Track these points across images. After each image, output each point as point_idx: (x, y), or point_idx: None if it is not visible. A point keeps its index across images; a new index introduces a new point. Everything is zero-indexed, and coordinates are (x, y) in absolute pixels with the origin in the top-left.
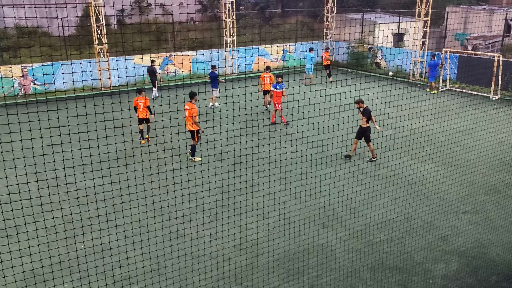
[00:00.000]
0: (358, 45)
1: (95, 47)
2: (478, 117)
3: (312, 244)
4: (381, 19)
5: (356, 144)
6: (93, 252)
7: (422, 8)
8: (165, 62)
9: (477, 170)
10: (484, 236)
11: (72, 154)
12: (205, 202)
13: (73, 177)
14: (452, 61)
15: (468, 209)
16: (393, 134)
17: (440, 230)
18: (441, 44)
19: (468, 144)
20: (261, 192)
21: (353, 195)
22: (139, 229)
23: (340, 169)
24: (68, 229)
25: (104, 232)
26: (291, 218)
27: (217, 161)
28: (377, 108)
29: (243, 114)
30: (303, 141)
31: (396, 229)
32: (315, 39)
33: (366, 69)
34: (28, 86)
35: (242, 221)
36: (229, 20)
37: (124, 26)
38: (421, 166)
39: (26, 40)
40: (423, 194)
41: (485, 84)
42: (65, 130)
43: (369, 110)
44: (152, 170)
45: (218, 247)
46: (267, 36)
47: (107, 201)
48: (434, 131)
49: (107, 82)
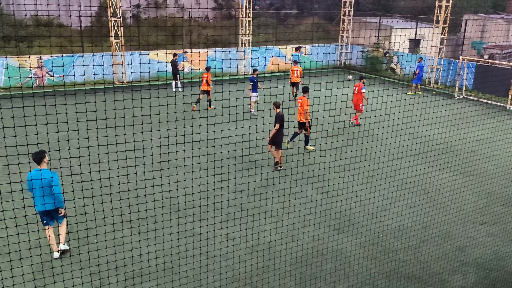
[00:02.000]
0: (374, 49)
1: (111, 40)
2: (495, 127)
3: (328, 249)
4: (398, 24)
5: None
6: (105, 247)
7: (441, 14)
8: (180, 59)
9: (495, 180)
10: (502, 248)
11: (88, 150)
12: (219, 201)
13: (89, 173)
14: (469, 69)
15: (486, 220)
16: (409, 140)
17: (457, 240)
18: (457, 52)
19: (485, 153)
20: (275, 193)
21: (369, 201)
22: (154, 225)
23: (356, 174)
24: (80, 222)
25: (117, 227)
26: (306, 221)
27: (231, 161)
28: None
29: (259, 115)
30: (319, 144)
31: (413, 238)
32: (330, 42)
33: (381, 74)
34: (43, 77)
35: (256, 222)
36: (245, 19)
37: (140, 21)
38: (438, 174)
39: (43, 30)
40: (440, 202)
41: (502, 94)
42: (81, 124)
43: (281, 116)
44: (168, 167)
45: (232, 248)
46: (282, 36)
47: (122, 196)
48: (451, 139)
49: (121, 76)
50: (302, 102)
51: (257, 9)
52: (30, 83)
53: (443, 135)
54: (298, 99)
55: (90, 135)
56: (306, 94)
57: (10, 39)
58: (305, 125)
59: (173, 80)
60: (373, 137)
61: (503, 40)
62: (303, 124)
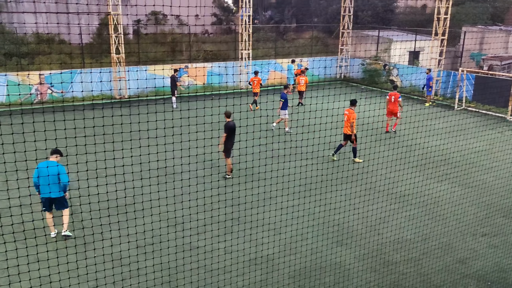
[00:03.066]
0: (373, 62)
1: (112, 56)
2: (494, 138)
3: (327, 262)
4: (397, 37)
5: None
6: (103, 261)
7: (439, 27)
8: (180, 74)
9: (494, 191)
10: (504, 260)
11: (87, 164)
12: (217, 215)
13: (86, 184)
14: (468, 81)
15: (487, 232)
16: (408, 152)
17: (458, 252)
18: (456, 64)
19: (485, 165)
20: (274, 206)
21: (368, 213)
22: (152, 239)
23: (355, 186)
24: (78, 237)
25: (116, 241)
26: (304, 234)
27: (233, 175)
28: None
29: (256, 129)
30: (317, 156)
31: (413, 250)
32: (329, 55)
33: (380, 86)
34: (45, 93)
35: (255, 235)
36: (245, 33)
37: (140, 36)
38: (437, 186)
39: (44, 47)
40: (440, 214)
41: (502, 105)
42: (80, 139)
43: (230, 126)
44: (166, 180)
45: (231, 261)
46: (282, 50)
47: (120, 210)
48: (450, 150)
49: (122, 91)
50: (348, 115)
51: (257, 23)
52: (31, 100)
53: (443, 147)
54: (345, 111)
55: (88, 150)
56: (353, 107)
57: (11, 56)
58: (351, 137)
59: (172, 96)
60: (372, 148)
61: (502, 51)
62: (349, 136)
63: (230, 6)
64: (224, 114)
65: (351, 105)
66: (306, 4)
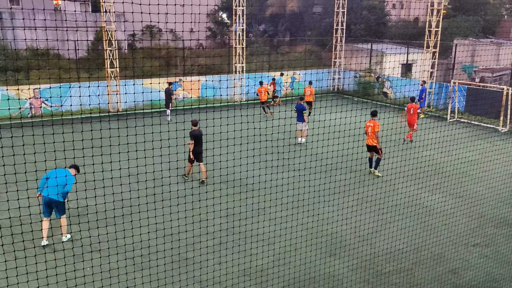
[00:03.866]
0: (366, 74)
1: (107, 70)
2: (487, 149)
3: (319, 273)
4: (389, 50)
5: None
6: (100, 277)
7: (431, 39)
8: (174, 87)
9: (486, 202)
10: (495, 270)
11: (85, 176)
12: (210, 226)
13: (79, 198)
14: (460, 92)
15: (478, 242)
16: (400, 162)
17: (450, 263)
18: (448, 76)
19: (476, 175)
20: (267, 218)
21: (360, 224)
22: (144, 251)
23: (346, 196)
24: (76, 250)
25: (110, 254)
26: (297, 245)
27: (223, 186)
28: (380, 136)
29: (250, 141)
30: (310, 168)
31: (405, 260)
32: (323, 67)
33: (373, 98)
34: (38, 107)
35: (247, 247)
36: (239, 47)
37: (135, 50)
38: (428, 196)
39: (38, 61)
40: (431, 225)
41: (493, 116)
42: (73, 152)
43: (196, 133)
44: (158, 193)
45: (223, 273)
46: (276, 63)
47: (113, 223)
48: (442, 160)
49: (116, 105)
50: (373, 126)
51: (251, 36)
52: (26, 113)
53: (435, 157)
54: (367, 123)
55: (81, 163)
56: (375, 118)
57: (6, 70)
58: (376, 148)
59: (166, 109)
60: (364, 159)
61: (493, 63)
62: (373, 148)
63: (224, 20)
64: (191, 122)
65: (373, 116)
66: (299, 18)
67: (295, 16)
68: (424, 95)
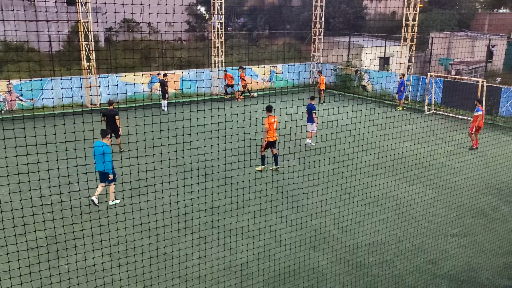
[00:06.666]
0: (345, 67)
1: (83, 64)
2: (463, 141)
3: (302, 266)
4: (367, 43)
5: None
6: (76, 273)
7: (408, 33)
8: (153, 81)
9: (464, 193)
10: (473, 259)
11: (58, 172)
12: (189, 220)
13: (59, 195)
14: (437, 85)
15: (457, 232)
16: (380, 153)
17: (429, 253)
18: (425, 68)
19: (454, 167)
20: (249, 212)
21: (343, 217)
22: (125, 248)
23: (325, 189)
24: (51, 248)
25: (89, 252)
26: (281, 240)
27: (201, 180)
28: (359, 128)
29: (233, 133)
30: (291, 162)
31: (387, 252)
32: (302, 61)
33: (352, 91)
34: (13, 101)
35: (231, 243)
36: (218, 41)
37: (112, 44)
38: (409, 188)
39: (13, 55)
40: (412, 216)
41: (469, 108)
42: (51, 147)
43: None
44: (140, 189)
45: (207, 270)
46: (255, 56)
47: (93, 219)
48: (420, 152)
49: (94, 99)
50: (277, 121)
51: (230, 30)
52: None
53: (414, 150)
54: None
55: (60, 158)
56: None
57: None
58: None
59: (162, 100)
60: (344, 151)
61: (468, 56)
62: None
63: (202, 14)
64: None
65: (270, 111)
66: (278, 12)
67: (274, 10)
68: (403, 88)
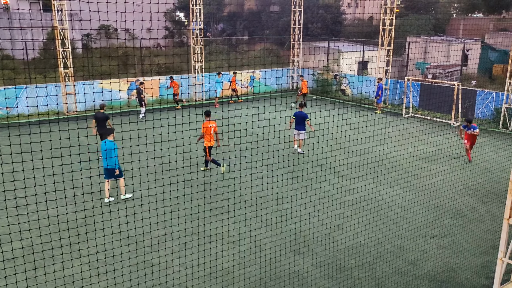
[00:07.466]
0: (323, 72)
1: (60, 71)
2: (440, 143)
3: (285, 271)
4: (345, 48)
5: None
6: (55, 284)
7: (385, 38)
8: (132, 87)
9: (442, 194)
10: (452, 260)
11: (34, 181)
12: (168, 227)
13: (35, 205)
14: (414, 88)
15: (436, 233)
16: (359, 159)
17: (410, 255)
18: (402, 72)
19: (432, 169)
20: (231, 218)
21: (323, 221)
22: (105, 257)
23: (304, 192)
24: (28, 260)
25: (67, 262)
26: (262, 245)
27: (179, 186)
28: (338, 131)
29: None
30: (273, 167)
31: (367, 254)
32: (281, 66)
33: (331, 95)
34: None
35: (212, 249)
36: (197, 46)
37: (90, 50)
38: (388, 191)
39: None
40: (392, 218)
41: (446, 111)
42: (27, 156)
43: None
44: (118, 196)
45: (188, 276)
46: (234, 62)
47: (71, 229)
48: (398, 154)
49: (72, 106)
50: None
51: (209, 36)
52: None
53: (392, 153)
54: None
55: (35, 166)
56: (210, 117)
57: None
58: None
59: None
60: (323, 154)
61: (444, 60)
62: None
63: (181, 19)
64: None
65: (209, 116)
66: (257, 17)
67: (253, 15)
68: (381, 92)
